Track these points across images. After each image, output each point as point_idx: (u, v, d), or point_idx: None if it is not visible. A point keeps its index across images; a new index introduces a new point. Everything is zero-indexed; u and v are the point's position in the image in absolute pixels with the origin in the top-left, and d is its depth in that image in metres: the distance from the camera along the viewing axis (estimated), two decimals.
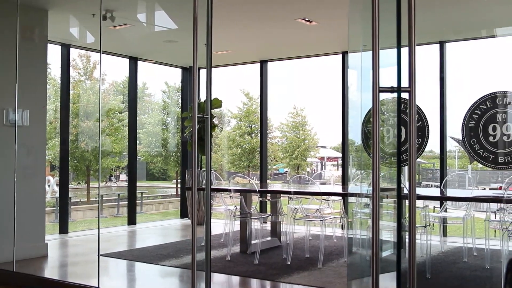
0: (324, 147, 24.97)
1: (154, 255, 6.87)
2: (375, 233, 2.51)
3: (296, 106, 23.25)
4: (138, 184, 11.13)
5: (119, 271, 6.31)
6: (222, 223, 8.11)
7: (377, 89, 2.51)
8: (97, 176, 16.22)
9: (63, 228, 8.61)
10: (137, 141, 14.85)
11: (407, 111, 2.48)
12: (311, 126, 23.49)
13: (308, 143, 23.21)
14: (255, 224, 7.14)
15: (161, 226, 10.07)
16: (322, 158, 25.70)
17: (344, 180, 9.60)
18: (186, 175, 10.08)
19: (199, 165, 9.62)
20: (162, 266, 6.26)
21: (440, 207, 7.64)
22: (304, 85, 25.31)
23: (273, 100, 22.94)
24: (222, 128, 22.22)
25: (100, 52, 6.71)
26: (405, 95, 2.54)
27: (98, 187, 14.74)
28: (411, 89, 2.49)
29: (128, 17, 7.64)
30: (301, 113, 23.35)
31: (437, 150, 9.23)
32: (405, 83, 2.51)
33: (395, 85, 2.58)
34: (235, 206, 7.11)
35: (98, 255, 5.78)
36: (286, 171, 23.85)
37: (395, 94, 2.59)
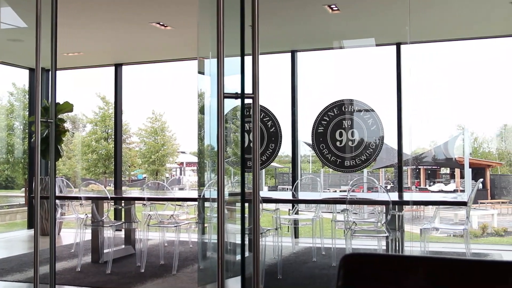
0: (184, 152, 24.90)
1: None
2: (221, 237, 2.52)
3: (155, 111, 22.96)
4: None
5: None
6: (74, 233, 7.75)
7: (221, 95, 2.53)
8: None
9: None
10: None
11: (251, 116, 2.54)
12: (171, 131, 23.34)
13: (167, 148, 23.01)
14: (108, 232, 6.91)
15: (6, 238, 9.37)
16: (182, 163, 25.62)
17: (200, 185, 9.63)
18: (34, 183, 9.49)
19: (48, 172, 9.11)
20: (3, 282, 5.82)
21: (292, 210, 7.94)
22: (163, 90, 25.09)
23: (131, 105, 22.44)
24: (73, 133, 21.26)
25: None
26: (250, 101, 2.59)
27: None
28: (254, 95, 2.54)
29: None
30: (160, 118, 23.10)
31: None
32: (251, 89, 2.56)
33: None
34: (86, 214, 6.83)
35: None
36: (145, 177, 23.44)
37: (239, 101, 2.63)
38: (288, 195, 8.51)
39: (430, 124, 19.47)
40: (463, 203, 5.69)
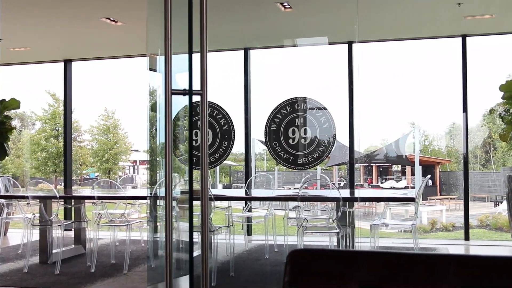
0: (137, 150, 24.59)
1: None
2: (168, 235, 2.50)
3: (107, 108, 22.57)
4: None
5: None
6: (21, 233, 7.55)
7: (169, 91, 2.51)
8: None
9: None
10: None
11: (200, 113, 2.52)
12: (124, 129, 23.00)
13: (120, 146, 22.66)
14: (57, 232, 6.76)
15: None
16: (135, 161, 25.30)
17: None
18: None
19: None
20: None
21: (245, 207, 7.95)
22: (115, 87, 24.67)
23: (82, 102, 21.99)
24: (21, 130, 20.70)
25: None
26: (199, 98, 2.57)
27: None
28: (202, 92, 2.53)
29: None
30: (113, 116, 22.73)
31: None
32: (199, 86, 2.54)
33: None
34: (34, 214, 6.66)
35: None
36: (97, 175, 23.04)
37: (192, 97, 2.61)
38: (241, 193, 8.51)
39: (382, 122, 19.85)
40: (411, 199, 5.81)
